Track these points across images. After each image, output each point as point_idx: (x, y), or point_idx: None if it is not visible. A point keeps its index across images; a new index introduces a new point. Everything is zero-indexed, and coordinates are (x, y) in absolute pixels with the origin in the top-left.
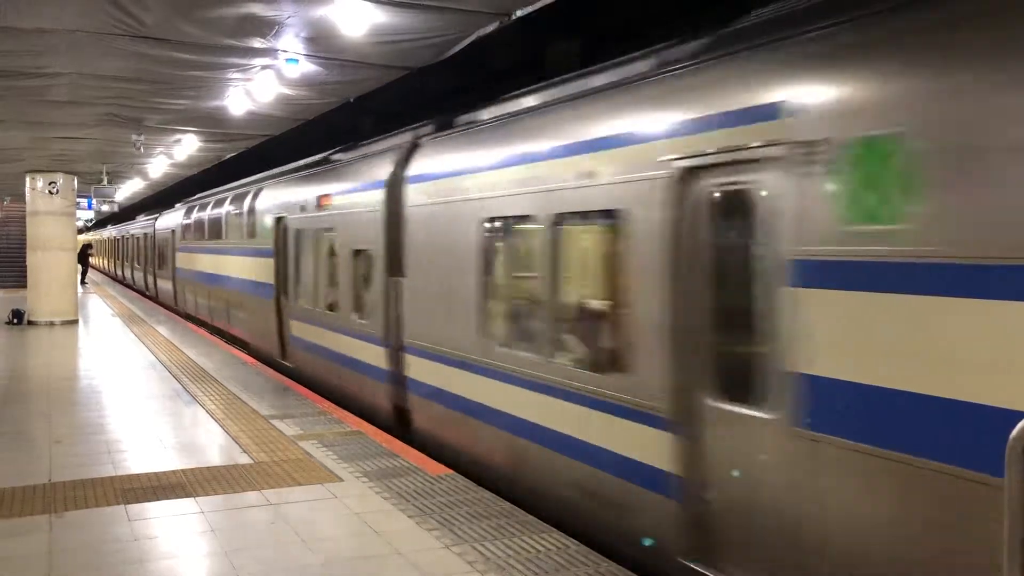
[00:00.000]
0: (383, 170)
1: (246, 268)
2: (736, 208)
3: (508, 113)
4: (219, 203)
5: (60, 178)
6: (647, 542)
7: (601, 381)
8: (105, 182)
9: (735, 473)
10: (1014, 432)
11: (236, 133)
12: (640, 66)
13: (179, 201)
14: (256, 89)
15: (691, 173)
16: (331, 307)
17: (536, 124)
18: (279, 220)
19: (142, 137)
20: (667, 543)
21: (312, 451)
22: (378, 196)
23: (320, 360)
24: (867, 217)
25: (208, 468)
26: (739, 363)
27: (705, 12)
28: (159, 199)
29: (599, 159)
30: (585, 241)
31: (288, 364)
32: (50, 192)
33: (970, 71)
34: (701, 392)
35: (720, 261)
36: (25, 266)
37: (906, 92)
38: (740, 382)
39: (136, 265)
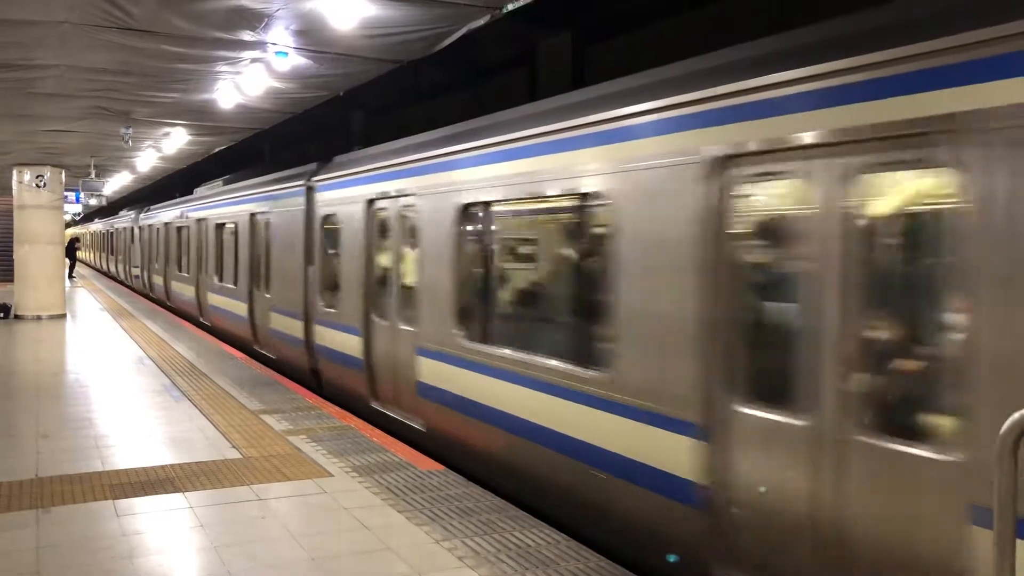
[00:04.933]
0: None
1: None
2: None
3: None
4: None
5: (48, 171)
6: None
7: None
8: (93, 175)
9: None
10: (1004, 427)
11: (226, 126)
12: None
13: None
14: (245, 82)
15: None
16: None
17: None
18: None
19: (130, 130)
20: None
21: (301, 446)
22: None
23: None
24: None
25: (197, 463)
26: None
27: (695, 4)
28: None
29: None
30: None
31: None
32: (37, 186)
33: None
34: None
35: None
36: (12, 260)
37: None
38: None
39: None
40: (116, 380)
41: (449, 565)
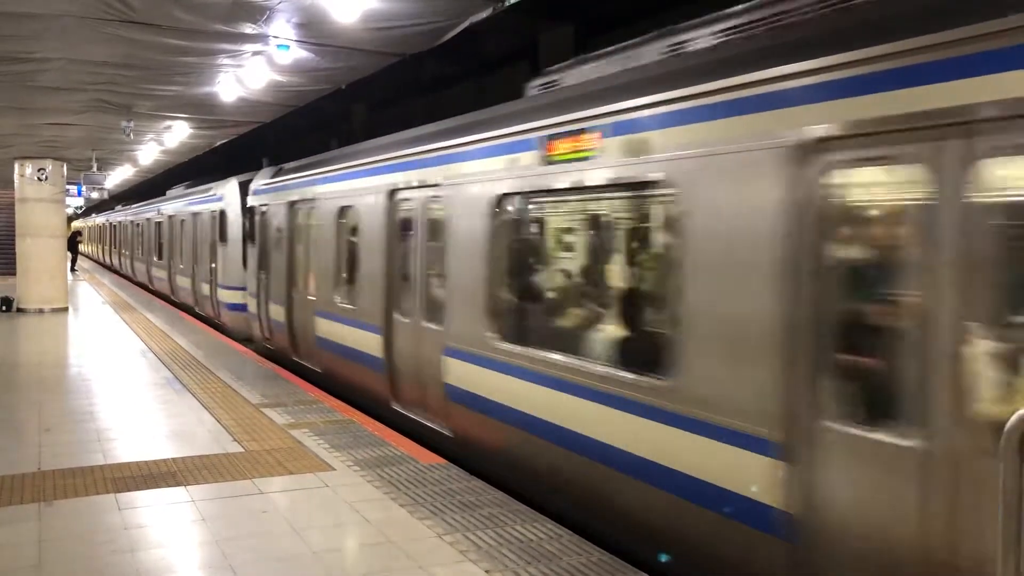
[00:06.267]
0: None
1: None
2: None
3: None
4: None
5: (49, 165)
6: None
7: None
8: (95, 169)
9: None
10: (1008, 425)
11: (227, 120)
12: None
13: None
14: (247, 75)
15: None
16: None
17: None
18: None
19: (131, 123)
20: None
21: (303, 440)
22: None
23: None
24: None
25: (199, 457)
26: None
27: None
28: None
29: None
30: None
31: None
32: (39, 179)
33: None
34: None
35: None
36: (14, 253)
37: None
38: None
39: None
40: (118, 373)
41: (451, 559)
